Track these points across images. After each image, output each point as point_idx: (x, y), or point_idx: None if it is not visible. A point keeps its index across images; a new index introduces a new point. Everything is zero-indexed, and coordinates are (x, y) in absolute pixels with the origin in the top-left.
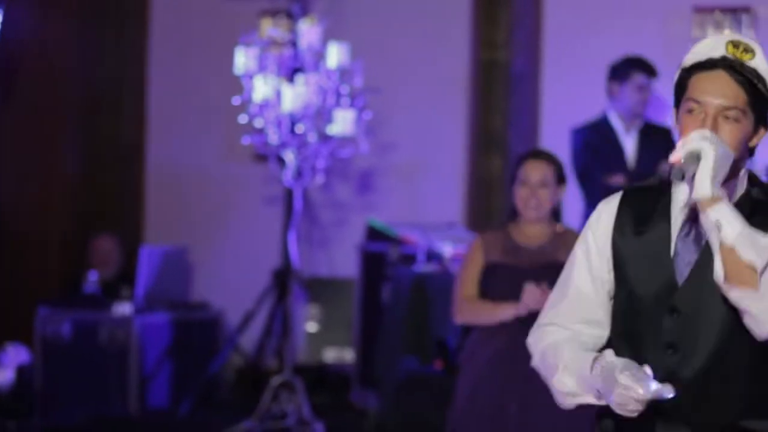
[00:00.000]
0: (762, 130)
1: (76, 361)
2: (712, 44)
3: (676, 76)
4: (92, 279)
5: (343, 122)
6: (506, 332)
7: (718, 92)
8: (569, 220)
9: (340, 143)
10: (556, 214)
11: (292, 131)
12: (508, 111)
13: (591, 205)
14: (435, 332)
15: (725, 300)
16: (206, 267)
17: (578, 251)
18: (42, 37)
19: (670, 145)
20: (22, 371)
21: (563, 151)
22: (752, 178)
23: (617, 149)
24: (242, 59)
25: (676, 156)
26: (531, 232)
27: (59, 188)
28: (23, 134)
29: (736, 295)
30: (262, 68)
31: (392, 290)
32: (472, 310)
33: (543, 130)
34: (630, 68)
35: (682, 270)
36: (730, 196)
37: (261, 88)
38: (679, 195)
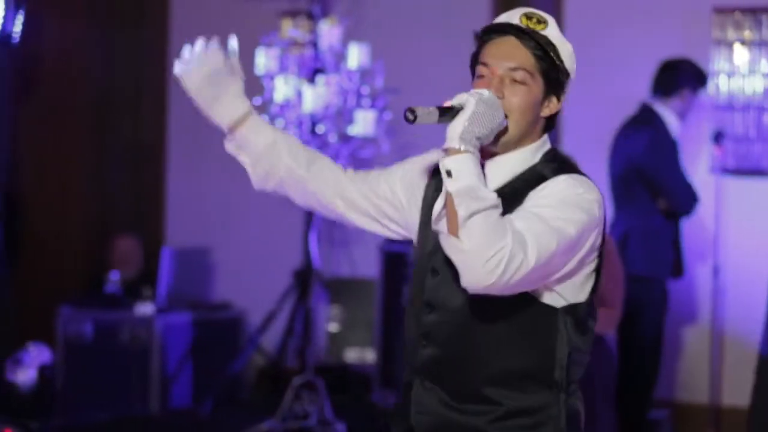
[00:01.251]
0: (554, 100)
1: (97, 360)
2: (508, 16)
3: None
4: (114, 279)
5: (363, 123)
6: None
7: (507, 55)
8: None
9: (360, 144)
10: None
11: (313, 132)
12: None
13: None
14: None
15: None
16: (228, 267)
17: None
18: (62, 39)
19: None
20: (43, 371)
21: (582, 150)
22: (553, 155)
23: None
24: (263, 60)
25: (445, 104)
26: None
27: (80, 189)
28: (44, 135)
29: (445, 243)
30: (282, 69)
31: None
32: None
33: (563, 130)
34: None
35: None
36: (512, 167)
37: (282, 89)
38: None
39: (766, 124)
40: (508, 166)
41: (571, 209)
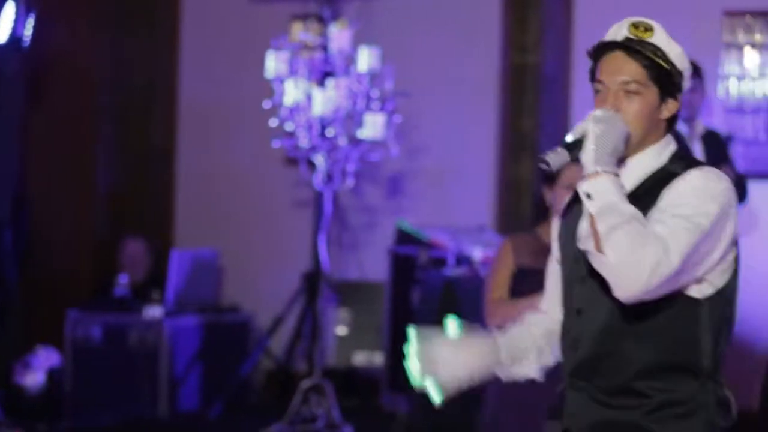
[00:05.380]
0: (671, 102)
1: (106, 364)
2: (617, 28)
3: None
4: (123, 282)
5: (373, 126)
6: None
7: (617, 70)
8: None
9: (370, 147)
10: None
11: (323, 135)
12: (539, 114)
13: None
14: None
15: None
16: (236, 270)
17: None
18: (72, 42)
19: (724, 149)
20: (52, 374)
21: None
22: (681, 154)
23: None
24: (273, 63)
25: (567, 139)
26: None
27: (90, 192)
28: (54, 139)
29: (594, 261)
30: (292, 72)
31: (422, 294)
32: (506, 312)
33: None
34: None
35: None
36: (642, 168)
37: (291, 92)
38: None
39: None
40: (638, 167)
41: (704, 202)
